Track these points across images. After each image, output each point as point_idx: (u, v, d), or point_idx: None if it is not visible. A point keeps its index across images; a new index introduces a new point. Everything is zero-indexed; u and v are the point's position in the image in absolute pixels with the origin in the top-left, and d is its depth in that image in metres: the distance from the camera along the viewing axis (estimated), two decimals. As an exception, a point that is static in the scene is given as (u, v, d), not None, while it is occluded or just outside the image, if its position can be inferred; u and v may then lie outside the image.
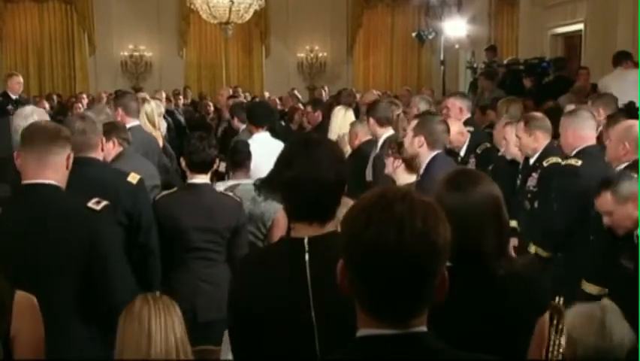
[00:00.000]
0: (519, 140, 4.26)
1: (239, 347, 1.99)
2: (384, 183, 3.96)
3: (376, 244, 1.25)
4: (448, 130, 3.94)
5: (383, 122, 4.92)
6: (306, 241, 1.89)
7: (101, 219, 2.55)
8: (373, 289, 1.29)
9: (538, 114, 4.34)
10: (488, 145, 5.22)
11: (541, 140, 4.14)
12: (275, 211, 3.81)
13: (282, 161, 1.96)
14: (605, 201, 3.15)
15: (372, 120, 4.94)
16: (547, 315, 1.99)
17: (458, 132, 4.97)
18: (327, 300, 1.33)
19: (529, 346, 1.96)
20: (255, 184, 3.88)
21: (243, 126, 5.94)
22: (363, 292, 1.30)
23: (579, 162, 3.80)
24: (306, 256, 1.87)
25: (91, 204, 2.56)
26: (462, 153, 5.15)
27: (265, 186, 3.68)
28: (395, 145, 4.05)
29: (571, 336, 2.39)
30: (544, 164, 4.12)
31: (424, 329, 1.31)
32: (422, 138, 3.75)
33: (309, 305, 1.85)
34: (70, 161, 2.62)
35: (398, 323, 1.28)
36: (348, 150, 5.23)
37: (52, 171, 2.53)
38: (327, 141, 2.48)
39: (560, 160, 4.02)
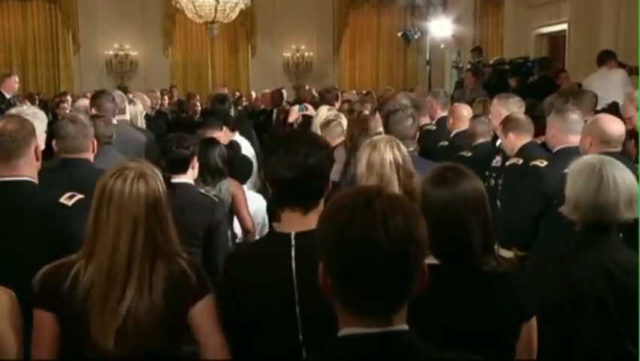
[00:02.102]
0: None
1: (230, 342, 1.99)
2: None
3: (363, 241, 1.25)
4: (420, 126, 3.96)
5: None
6: (292, 235, 1.91)
7: (72, 214, 2.52)
8: (359, 287, 1.28)
9: (516, 116, 4.30)
10: (444, 144, 5.32)
11: (515, 141, 4.15)
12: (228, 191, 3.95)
13: (270, 149, 2.01)
14: None
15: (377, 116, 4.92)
16: (534, 322, 1.99)
17: None
18: (312, 295, 1.33)
19: (516, 350, 1.96)
20: None
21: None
22: (348, 290, 1.30)
23: (544, 163, 3.77)
24: (292, 252, 1.89)
25: (63, 199, 2.55)
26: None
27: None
28: None
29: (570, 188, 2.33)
30: (506, 164, 4.15)
31: (406, 327, 1.32)
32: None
33: (294, 300, 1.86)
34: (38, 152, 2.65)
35: (381, 319, 1.29)
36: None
37: (24, 167, 2.57)
38: (311, 132, 2.54)
39: (517, 161, 4.02)
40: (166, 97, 11.30)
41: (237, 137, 5.31)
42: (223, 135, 5.02)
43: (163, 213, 2.00)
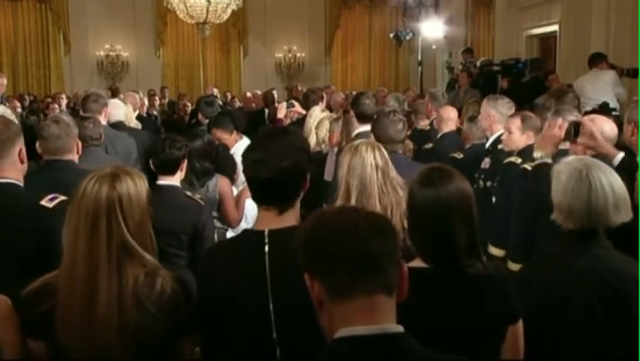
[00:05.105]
0: (509, 134, 4.25)
1: (207, 339, 1.99)
2: None
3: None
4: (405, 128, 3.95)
5: (362, 118, 4.83)
6: (266, 232, 1.91)
7: (53, 216, 2.47)
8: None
9: (535, 120, 4.30)
10: (429, 146, 5.35)
11: (524, 140, 4.15)
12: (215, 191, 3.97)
13: (248, 148, 2.02)
14: None
15: (352, 113, 4.92)
16: (520, 325, 1.99)
17: None
18: (285, 291, 1.35)
19: (501, 352, 1.96)
20: None
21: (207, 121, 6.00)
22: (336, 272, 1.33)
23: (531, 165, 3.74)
24: (266, 248, 1.89)
25: (44, 201, 2.51)
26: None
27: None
28: None
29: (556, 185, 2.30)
30: (504, 162, 4.13)
31: (401, 328, 1.32)
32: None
33: (267, 296, 1.86)
34: (23, 154, 2.59)
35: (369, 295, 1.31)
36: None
37: (6, 168, 2.53)
38: (292, 131, 2.51)
39: (516, 160, 4.01)
40: (157, 98, 11.27)
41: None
42: (230, 138, 5.04)
43: (132, 215, 1.90)
